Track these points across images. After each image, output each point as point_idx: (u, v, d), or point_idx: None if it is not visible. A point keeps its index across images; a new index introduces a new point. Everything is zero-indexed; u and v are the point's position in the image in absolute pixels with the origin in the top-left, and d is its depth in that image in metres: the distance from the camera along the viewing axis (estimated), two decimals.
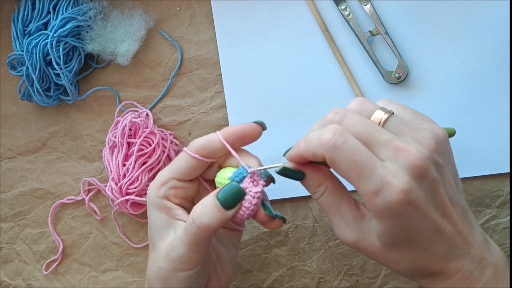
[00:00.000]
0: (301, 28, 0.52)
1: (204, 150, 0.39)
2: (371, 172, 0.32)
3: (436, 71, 0.49)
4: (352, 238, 0.36)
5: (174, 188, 0.40)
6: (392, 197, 0.31)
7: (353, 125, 0.34)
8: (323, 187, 0.36)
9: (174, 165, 0.40)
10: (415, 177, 0.32)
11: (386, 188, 0.31)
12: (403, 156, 0.32)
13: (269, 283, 0.51)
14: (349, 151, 0.32)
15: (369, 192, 0.32)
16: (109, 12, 0.53)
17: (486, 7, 0.49)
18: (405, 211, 0.32)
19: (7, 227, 0.56)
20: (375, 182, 0.32)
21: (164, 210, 0.40)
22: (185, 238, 0.38)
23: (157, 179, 0.41)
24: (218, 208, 0.37)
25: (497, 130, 0.48)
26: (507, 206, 0.48)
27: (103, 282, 0.54)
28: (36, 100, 0.53)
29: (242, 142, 0.39)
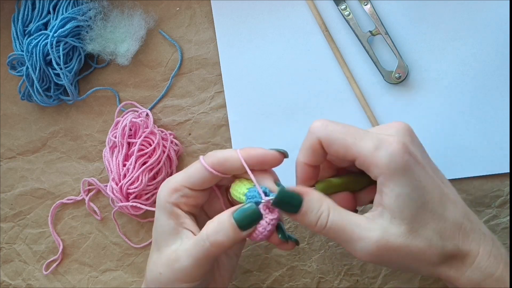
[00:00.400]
0: (301, 28, 0.52)
1: (221, 166, 0.38)
2: (365, 133, 0.35)
3: (436, 71, 0.49)
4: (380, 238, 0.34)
5: (185, 196, 0.39)
6: (393, 146, 0.33)
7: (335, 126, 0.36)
8: (326, 205, 0.35)
9: (188, 173, 0.39)
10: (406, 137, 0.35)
11: (385, 141, 0.34)
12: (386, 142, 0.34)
13: (269, 283, 0.51)
14: (338, 124, 0.36)
15: (370, 150, 0.33)
16: (109, 12, 0.53)
17: (486, 7, 0.49)
18: (409, 161, 0.33)
19: (7, 227, 0.56)
20: (372, 139, 0.34)
21: (173, 216, 0.39)
22: (194, 252, 0.37)
23: (170, 184, 0.40)
24: (234, 227, 0.36)
25: (497, 130, 0.48)
26: (507, 206, 0.48)
27: (103, 282, 0.54)
28: (36, 100, 0.53)
29: (261, 166, 0.38)
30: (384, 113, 0.50)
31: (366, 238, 0.34)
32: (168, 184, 0.40)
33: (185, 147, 0.53)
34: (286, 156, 0.39)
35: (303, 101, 0.51)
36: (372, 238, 0.34)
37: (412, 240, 0.34)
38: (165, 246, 0.39)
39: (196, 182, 0.39)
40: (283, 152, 0.39)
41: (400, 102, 0.50)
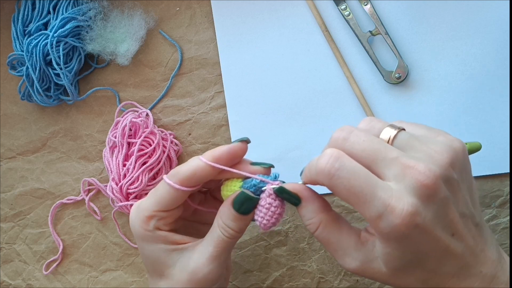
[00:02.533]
0: (301, 28, 0.52)
1: (190, 181, 0.37)
2: (371, 197, 0.31)
3: (436, 71, 0.49)
4: (358, 267, 0.34)
5: (162, 219, 0.39)
6: (397, 221, 0.30)
7: (358, 143, 0.33)
8: (318, 219, 0.35)
9: (157, 197, 0.38)
10: (422, 198, 0.30)
11: (390, 211, 0.30)
12: (410, 175, 0.31)
13: (269, 283, 0.51)
14: (345, 177, 0.31)
15: (371, 217, 0.31)
16: (109, 12, 0.53)
17: (486, 7, 0.49)
18: (411, 234, 0.31)
19: (7, 227, 0.56)
20: (376, 207, 0.31)
21: (159, 240, 0.38)
22: (216, 253, 0.37)
23: (141, 212, 0.38)
24: (238, 217, 0.37)
25: (497, 130, 0.48)
26: (507, 206, 0.48)
27: (103, 282, 0.54)
28: (36, 100, 0.53)
29: (232, 161, 0.38)
30: (384, 113, 0.50)
31: (345, 262, 0.34)
32: (139, 213, 0.39)
33: (185, 147, 0.53)
34: (248, 141, 0.39)
35: (303, 101, 0.51)
36: (351, 264, 0.34)
37: (391, 280, 0.34)
38: (168, 269, 0.39)
39: (168, 203, 0.38)
40: (245, 140, 0.38)
41: (400, 102, 0.50)
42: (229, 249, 0.38)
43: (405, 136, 0.34)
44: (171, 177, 0.37)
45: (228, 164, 0.38)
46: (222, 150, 0.37)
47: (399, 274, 0.33)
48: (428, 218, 0.31)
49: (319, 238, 0.35)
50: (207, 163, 0.37)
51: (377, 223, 0.31)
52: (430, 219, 0.31)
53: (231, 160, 0.38)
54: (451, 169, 0.32)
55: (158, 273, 0.39)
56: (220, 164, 0.37)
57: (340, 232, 0.35)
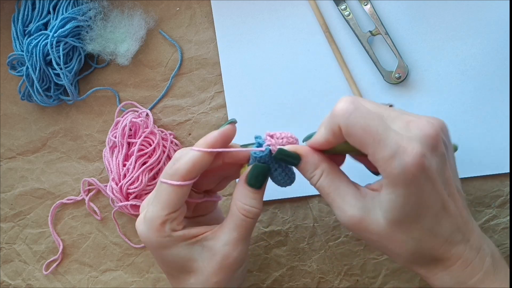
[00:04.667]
0: (301, 28, 0.52)
1: (192, 173, 0.37)
2: (385, 136, 0.32)
3: (436, 71, 0.49)
4: (356, 216, 0.35)
5: (175, 220, 0.38)
6: (408, 160, 0.32)
7: (364, 104, 0.35)
8: (320, 170, 0.37)
9: (163, 202, 0.38)
10: (428, 146, 0.32)
11: (402, 151, 0.32)
12: (414, 126, 0.33)
13: (269, 283, 0.51)
14: (361, 117, 0.33)
15: (384, 157, 0.32)
16: (109, 12, 0.53)
17: (486, 7, 0.49)
18: (419, 177, 0.32)
19: (7, 227, 0.56)
20: (390, 146, 0.32)
21: (179, 241, 0.38)
22: (239, 235, 0.38)
23: (153, 222, 0.38)
24: (254, 191, 0.38)
25: (497, 130, 0.48)
26: (507, 206, 0.48)
27: (103, 282, 0.54)
28: (36, 100, 0.53)
29: (225, 144, 0.39)
30: None
31: (343, 210, 0.36)
32: (151, 224, 0.38)
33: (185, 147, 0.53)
34: (235, 122, 0.40)
35: (303, 101, 0.51)
36: (348, 212, 0.35)
37: (387, 234, 0.35)
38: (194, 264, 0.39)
39: (176, 203, 0.38)
40: (233, 121, 0.39)
41: (400, 102, 0.50)
42: (251, 228, 0.39)
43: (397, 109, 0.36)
44: (172, 176, 0.37)
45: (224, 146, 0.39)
46: (214, 135, 0.38)
47: (397, 228, 0.34)
48: (433, 166, 0.33)
49: (320, 188, 0.37)
50: (202, 151, 0.37)
51: (390, 163, 0.32)
52: (434, 167, 0.33)
53: (224, 143, 0.39)
54: (442, 132, 0.34)
55: (185, 272, 0.39)
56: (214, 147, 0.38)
57: (341, 180, 0.37)
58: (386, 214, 0.34)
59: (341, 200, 0.36)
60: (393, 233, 0.34)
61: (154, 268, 0.53)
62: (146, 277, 0.53)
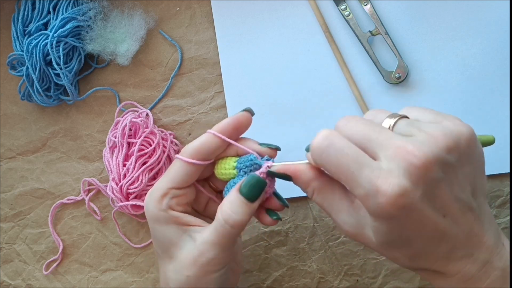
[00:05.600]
0: (301, 28, 0.52)
1: (200, 154, 0.39)
2: (358, 176, 0.31)
3: (436, 71, 0.49)
4: (351, 232, 0.36)
5: (175, 197, 0.39)
6: (382, 201, 0.30)
7: (355, 125, 0.33)
8: (311, 188, 0.37)
9: (170, 174, 0.39)
10: (412, 177, 0.30)
11: (375, 192, 0.30)
12: (401, 155, 0.31)
13: (269, 283, 0.51)
14: (333, 155, 0.32)
15: (359, 195, 0.32)
16: (109, 12, 0.53)
17: (486, 7, 0.49)
18: (399, 214, 0.31)
19: (7, 227, 0.56)
20: (363, 186, 0.31)
21: (171, 221, 0.39)
22: (217, 239, 0.38)
23: (155, 192, 0.39)
24: (245, 203, 0.37)
25: (497, 130, 0.48)
26: (507, 206, 0.48)
27: (103, 282, 0.54)
28: (36, 100, 0.53)
29: (237, 133, 0.40)
30: None
31: (338, 225, 0.36)
32: (153, 194, 0.39)
33: None
34: (252, 113, 0.40)
35: (303, 101, 0.51)
36: (343, 227, 0.36)
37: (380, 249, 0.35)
38: (177, 251, 0.39)
39: (181, 179, 0.39)
40: (249, 110, 0.40)
41: (400, 102, 0.50)
42: (231, 238, 0.38)
43: (405, 122, 0.34)
44: (182, 153, 0.39)
45: (234, 135, 0.39)
46: (227, 121, 0.39)
47: (387, 247, 0.34)
48: (417, 198, 0.30)
49: (315, 202, 0.37)
50: (214, 134, 0.38)
51: (364, 201, 0.32)
52: (418, 199, 0.31)
53: (237, 130, 0.39)
54: (446, 152, 0.31)
55: (168, 255, 0.40)
56: (227, 132, 0.39)
57: (333, 197, 0.36)
58: (374, 236, 0.34)
59: (335, 216, 0.36)
60: (384, 250, 0.35)
61: (154, 268, 0.53)
62: (146, 277, 0.53)
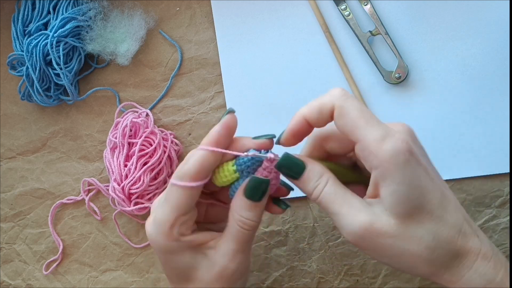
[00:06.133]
0: (301, 28, 0.52)
1: (201, 174, 0.36)
2: (377, 121, 0.34)
3: (436, 71, 0.49)
4: (367, 221, 0.33)
5: (184, 224, 0.37)
6: (398, 142, 0.33)
7: None
8: (325, 177, 0.36)
9: (172, 204, 0.37)
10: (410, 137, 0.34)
11: (392, 134, 0.33)
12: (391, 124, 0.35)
13: (269, 283, 0.51)
14: (357, 101, 0.35)
15: (376, 139, 0.33)
16: (109, 12, 0.53)
17: (486, 7, 0.49)
18: (410, 160, 0.33)
19: (7, 227, 0.56)
20: (382, 129, 0.33)
21: (185, 248, 0.38)
22: (238, 247, 0.37)
23: (162, 226, 0.37)
24: (254, 205, 0.37)
25: (497, 130, 0.48)
26: (507, 206, 0.48)
27: (103, 282, 0.54)
28: (36, 100, 0.53)
29: (230, 137, 0.38)
30: (384, 113, 0.50)
31: (353, 216, 0.34)
32: (160, 227, 0.37)
33: (185, 147, 0.53)
34: (233, 111, 0.38)
35: (303, 101, 0.51)
36: (359, 217, 0.34)
37: (401, 233, 0.33)
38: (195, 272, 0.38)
39: (185, 206, 0.37)
40: (230, 111, 0.38)
41: (400, 102, 0.50)
42: (250, 240, 0.38)
43: None
44: (180, 178, 0.36)
45: (227, 141, 0.37)
46: (216, 129, 0.37)
47: (408, 221, 0.33)
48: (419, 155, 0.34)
49: (326, 196, 0.35)
50: (206, 150, 0.36)
51: (381, 145, 0.33)
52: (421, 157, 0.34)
53: (228, 136, 0.37)
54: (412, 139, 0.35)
55: (185, 279, 0.39)
56: (220, 142, 0.37)
57: (346, 190, 0.36)
58: (393, 210, 0.33)
59: (348, 206, 0.34)
60: (406, 229, 0.33)
61: (154, 268, 0.53)
62: (146, 277, 0.53)
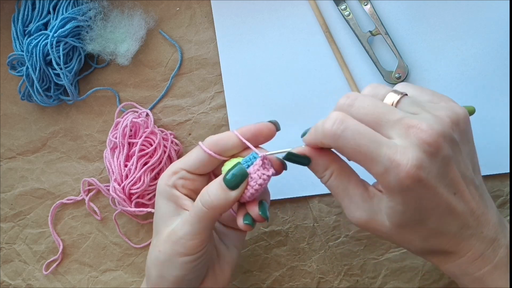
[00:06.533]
0: (301, 28, 0.52)
1: (216, 146, 0.40)
2: (377, 154, 0.32)
3: (436, 71, 0.49)
4: (363, 218, 0.36)
5: (183, 178, 0.41)
6: (402, 174, 0.32)
7: (363, 107, 0.34)
8: (329, 171, 0.37)
9: (186, 157, 0.42)
10: (426, 153, 0.32)
11: (395, 166, 0.32)
12: (413, 133, 0.32)
13: (269, 283, 0.51)
14: (351, 138, 0.33)
15: (378, 173, 0.33)
16: (109, 12, 0.53)
17: (486, 7, 0.49)
18: (415, 188, 0.32)
19: (7, 227, 0.56)
20: (382, 163, 0.32)
21: (171, 199, 0.41)
22: (190, 218, 0.39)
23: (169, 169, 0.42)
24: (223, 188, 0.38)
25: (497, 130, 0.48)
26: (507, 206, 0.48)
27: (103, 282, 0.54)
28: (36, 100, 0.53)
29: (256, 140, 0.40)
30: None
31: (351, 211, 0.37)
32: (167, 170, 0.42)
33: (185, 147, 0.53)
34: (277, 127, 0.41)
35: (303, 101, 0.51)
36: (357, 214, 0.36)
37: (393, 234, 0.36)
38: (164, 227, 0.40)
39: (193, 164, 0.41)
40: (274, 123, 0.41)
41: None
42: (203, 219, 0.39)
43: (408, 101, 0.35)
44: (204, 142, 0.41)
45: (252, 142, 0.40)
46: (250, 126, 0.40)
47: (402, 230, 0.35)
48: (432, 173, 0.32)
49: (330, 188, 0.38)
50: (233, 133, 0.40)
51: (384, 177, 0.33)
52: (433, 175, 0.32)
53: (255, 137, 0.40)
54: (451, 130, 0.33)
55: (157, 230, 0.41)
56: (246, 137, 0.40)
57: (349, 181, 0.37)
58: (389, 219, 0.35)
59: (349, 201, 0.37)
60: (399, 234, 0.36)
61: None
62: None
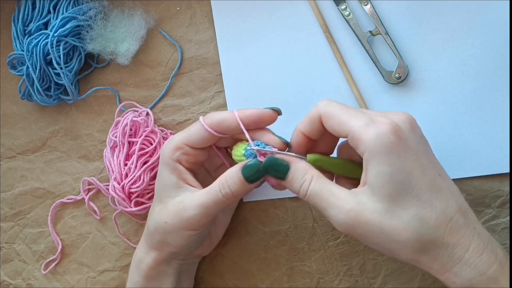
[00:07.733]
0: (301, 28, 0.52)
1: (219, 126, 0.41)
2: (360, 112, 0.36)
3: (436, 71, 0.49)
4: (355, 210, 0.34)
5: (186, 154, 0.43)
6: (382, 126, 0.34)
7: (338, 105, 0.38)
8: (309, 175, 0.38)
9: (188, 132, 0.43)
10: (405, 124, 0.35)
11: (376, 121, 0.35)
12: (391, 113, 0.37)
13: (268, 283, 0.51)
14: (340, 104, 0.38)
15: (360, 126, 0.34)
16: (110, 12, 0.53)
17: (486, 7, 0.49)
18: (397, 144, 0.34)
19: (7, 226, 0.56)
20: (365, 118, 0.35)
21: (175, 172, 0.43)
22: (205, 202, 0.41)
23: (172, 142, 0.43)
24: (242, 181, 0.40)
25: (497, 130, 0.48)
26: (507, 206, 0.48)
27: (102, 282, 0.54)
28: (36, 99, 0.53)
29: (257, 125, 0.42)
30: None
31: (339, 207, 0.35)
32: (170, 142, 0.43)
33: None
34: (279, 113, 0.42)
35: (303, 101, 0.51)
36: (345, 207, 0.35)
37: (387, 219, 0.34)
38: (168, 198, 0.43)
39: (196, 141, 0.43)
40: (276, 110, 0.42)
41: (400, 102, 0.50)
42: (219, 206, 0.41)
43: None
44: (206, 118, 0.42)
45: (252, 126, 0.41)
46: (252, 111, 0.42)
47: (394, 205, 0.34)
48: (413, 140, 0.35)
49: (312, 192, 0.37)
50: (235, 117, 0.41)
51: (365, 131, 0.34)
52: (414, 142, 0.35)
53: (257, 123, 0.41)
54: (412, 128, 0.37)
55: (160, 199, 0.44)
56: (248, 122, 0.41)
57: (331, 183, 0.37)
58: (379, 192, 0.34)
59: (335, 198, 0.36)
60: (393, 214, 0.34)
61: None
62: None
